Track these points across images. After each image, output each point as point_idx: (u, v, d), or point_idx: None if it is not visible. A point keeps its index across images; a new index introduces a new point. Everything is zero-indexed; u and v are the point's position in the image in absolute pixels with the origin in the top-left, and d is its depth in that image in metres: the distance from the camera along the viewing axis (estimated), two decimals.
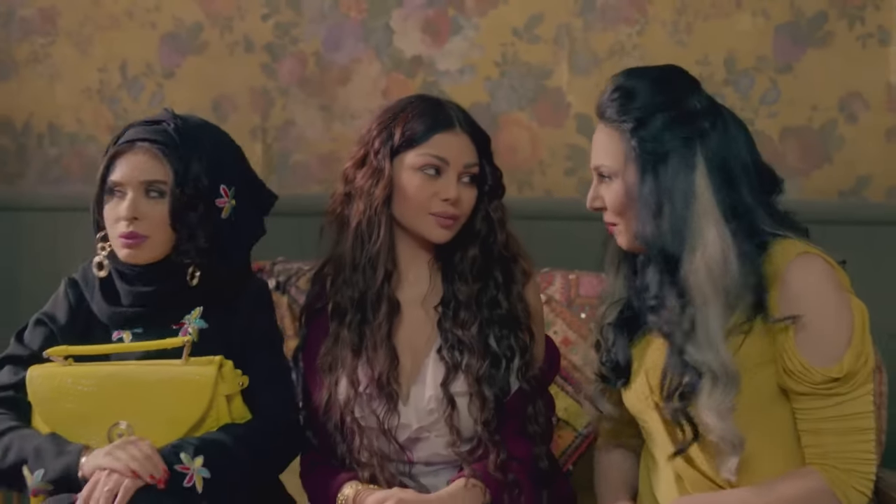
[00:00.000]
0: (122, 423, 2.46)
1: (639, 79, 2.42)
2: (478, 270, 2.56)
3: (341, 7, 3.83)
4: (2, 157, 4.01)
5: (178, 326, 2.53)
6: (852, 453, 2.26)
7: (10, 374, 2.56)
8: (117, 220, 2.52)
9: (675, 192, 2.31)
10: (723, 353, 2.26)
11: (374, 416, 2.47)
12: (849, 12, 3.58)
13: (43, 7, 3.96)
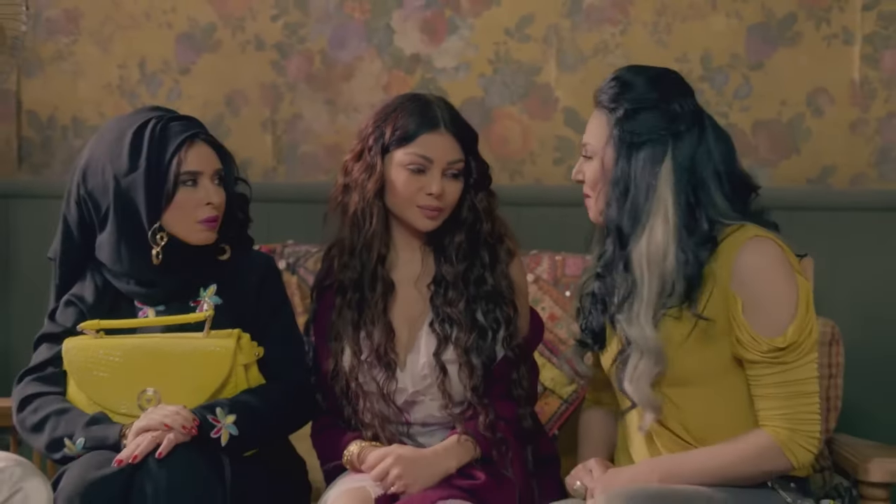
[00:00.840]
0: (149, 389, 2.65)
1: (637, 74, 2.60)
2: (464, 253, 2.72)
3: (345, 8, 3.87)
4: (28, 148, 4.08)
5: (196, 304, 2.71)
6: (798, 415, 2.43)
7: (47, 351, 2.74)
8: (197, 207, 2.69)
9: (640, 180, 2.48)
10: (647, 330, 2.44)
11: (374, 382, 2.66)
12: (815, 14, 3.66)
13: (67, 8, 4.01)
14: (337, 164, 3.70)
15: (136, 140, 2.69)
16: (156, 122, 2.72)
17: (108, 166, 2.70)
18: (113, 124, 2.82)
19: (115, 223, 2.70)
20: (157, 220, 2.67)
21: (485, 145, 3.14)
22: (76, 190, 2.78)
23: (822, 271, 3.34)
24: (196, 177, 2.69)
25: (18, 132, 4.06)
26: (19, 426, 2.69)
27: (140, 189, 2.67)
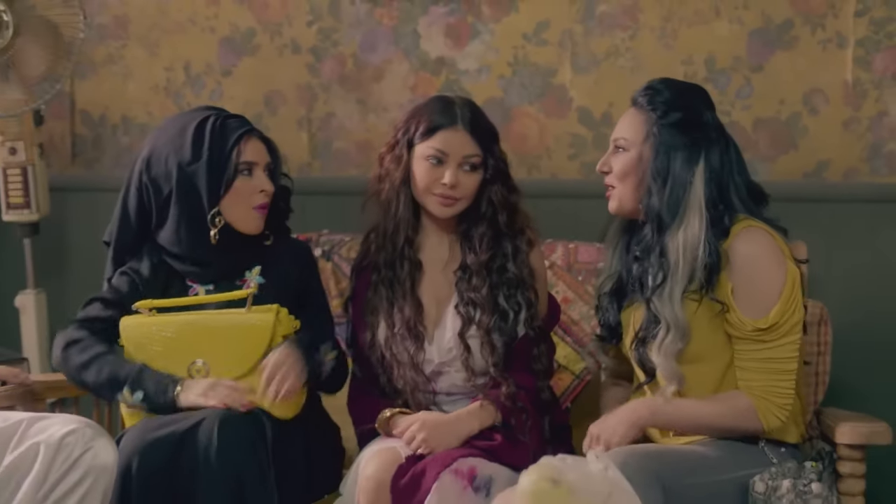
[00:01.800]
0: (198, 360, 2.87)
1: (669, 85, 2.81)
2: (487, 243, 2.91)
3: (375, 15, 3.98)
4: (81, 144, 4.21)
5: (242, 282, 2.92)
6: (773, 388, 2.66)
7: (100, 310, 2.96)
8: (252, 194, 2.91)
9: (679, 177, 2.70)
10: (678, 310, 2.66)
11: (405, 353, 2.88)
12: (811, 20, 3.72)
13: (117, 15, 4.15)
14: (367, 160, 3.94)
15: (199, 133, 2.90)
16: (214, 118, 2.93)
17: (172, 156, 2.90)
18: (173, 120, 3.02)
19: (176, 207, 2.91)
20: (216, 205, 2.89)
21: (504, 142, 3.24)
22: (138, 178, 2.96)
23: (817, 258, 3.41)
24: (251, 167, 2.91)
25: (72, 130, 4.20)
26: (62, 362, 2.89)
27: (202, 176, 2.88)
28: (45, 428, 2.63)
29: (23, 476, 2.59)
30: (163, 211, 2.94)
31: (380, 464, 2.72)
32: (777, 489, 2.56)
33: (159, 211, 2.94)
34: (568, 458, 2.03)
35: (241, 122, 2.97)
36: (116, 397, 2.85)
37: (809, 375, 3.07)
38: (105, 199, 4.03)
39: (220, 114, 2.97)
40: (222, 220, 2.91)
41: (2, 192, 3.87)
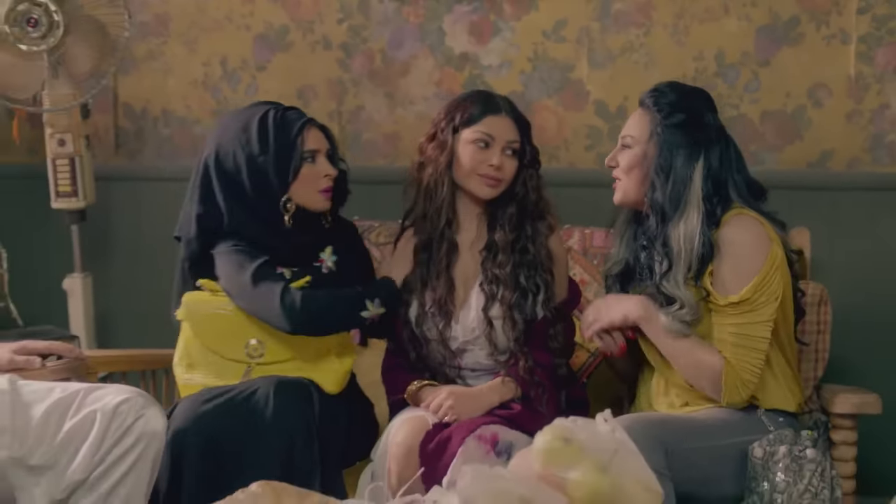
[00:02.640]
0: (252, 340, 3.07)
1: (674, 87, 2.99)
2: (513, 224, 3.08)
3: (403, 13, 4.09)
4: (124, 136, 4.32)
5: (320, 262, 3.11)
6: (742, 363, 2.82)
7: (272, 268, 3.05)
8: (318, 178, 3.07)
9: (680, 173, 2.87)
10: (685, 293, 2.85)
11: (435, 329, 3.07)
12: (816, 17, 3.84)
13: (157, 13, 4.25)
14: (394, 150, 4.11)
15: (262, 127, 3.06)
16: (274, 111, 3.09)
17: (240, 151, 3.05)
18: (233, 117, 3.16)
19: (251, 198, 3.06)
20: (286, 192, 3.06)
21: None
22: (207, 175, 3.09)
23: (820, 243, 3.60)
24: (314, 154, 3.08)
25: (115, 122, 4.31)
26: (303, 316, 2.97)
27: (271, 167, 3.04)
28: (101, 397, 2.83)
29: (81, 441, 2.79)
30: (238, 203, 3.07)
31: (409, 431, 2.90)
32: (774, 454, 2.75)
33: (234, 203, 3.07)
34: (579, 420, 2.22)
35: (299, 113, 3.13)
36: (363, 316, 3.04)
37: (810, 353, 3.22)
38: (146, 188, 4.29)
39: (277, 107, 3.12)
40: (293, 205, 3.07)
41: (51, 181, 4.00)
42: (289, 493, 2.33)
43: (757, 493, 2.74)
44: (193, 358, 3.13)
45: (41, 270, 4.19)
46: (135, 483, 2.80)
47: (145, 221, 4.32)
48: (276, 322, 3.01)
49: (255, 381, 2.98)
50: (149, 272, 4.30)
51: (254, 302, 3.04)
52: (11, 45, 3.77)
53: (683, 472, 2.68)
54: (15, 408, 2.81)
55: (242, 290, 3.05)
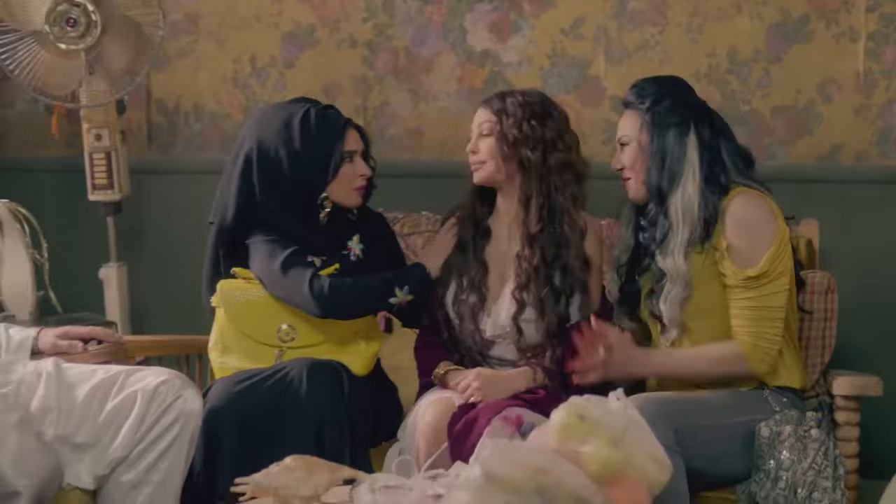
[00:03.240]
0: (283, 325, 3.21)
1: (651, 81, 3.13)
2: (538, 218, 3.20)
3: (425, 12, 4.19)
4: (157, 131, 4.45)
5: (348, 250, 3.24)
6: (761, 333, 2.95)
7: (302, 257, 3.17)
8: (354, 178, 3.20)
9: (673, 150, 3.02)
10: (679, 263, 2.98)
11: (467, 316, 3.20)
12: (826, 15, 3.89)
13: (189, 12, 4.38)
14: (418, 145, 4.20)
15: (305, 125, 3.17)
16: (315, 110, 3.21)
17: (282, 148, 3.17)
18: (273, 113, 3.26)
19: (288, 192, 3.18)
20: (324, 190, 3.19)
21: None
22: (247, 168, 3.20)
23: (830, 234, 3.67)
24: (353, 155, 3.22)
25: (148, 118, 4.44)
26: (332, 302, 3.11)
27: (313, 166, 3.17)
28: (142, 378, 2.99)
29: (123, 419, 2.95)
30: (276, 195, 3.19)
31: (437, 412, 3.03)
32: (780, 434, 2.88)
33: (272, 195, 3.19)
34: (593, 398, 2.36)
35: (338, 113, 3.26)
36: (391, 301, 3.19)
37: (817, 339, 3.34)
38: (178, 181, 4.42)
39: (316, 105, 3.24)
40: (329, 202, 3.21)
41: (88, 175, 4.13)
42: (320, 466, 2.48)
43: (763, 470, 2.87)
44: (228, 342, 3.26)
45: (78, 260, 4.28)
46: (173, 459, 2.96)
47: (177, 213, 4.45)
48: (306, 307, 3.15)
49: (288, 362, 3.12)
50: (180, 261, 4.38)
51: (284, 289, 3.17)
52: (51, 43, 3.90)
53: (692, 449, 2.81)
54: (60, 389, 2.98)
55: (273, 277, 3.18)
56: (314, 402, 3.02)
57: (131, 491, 2.96)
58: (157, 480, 2.96)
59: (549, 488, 2.06)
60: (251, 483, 2.49)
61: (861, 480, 3.12)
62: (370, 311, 3.26)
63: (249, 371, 3.14)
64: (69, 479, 2.92)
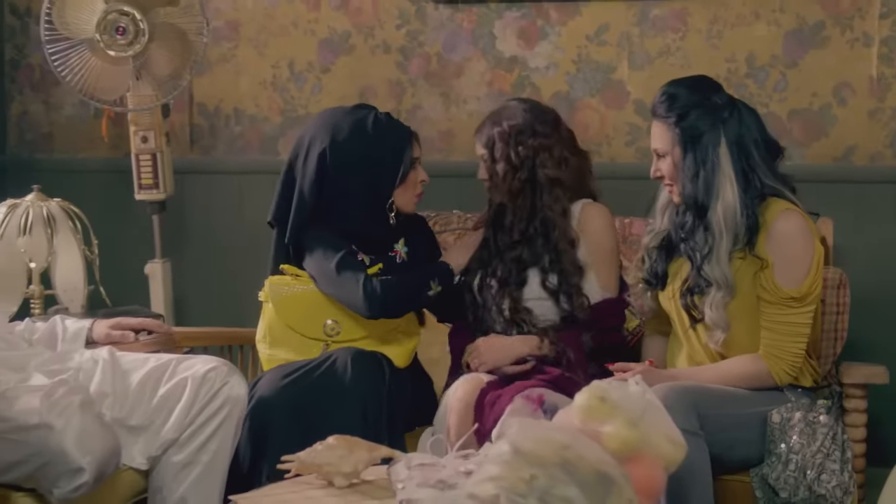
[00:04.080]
0: (329, 320, 3.38)
1: (678, 86, 3.20)
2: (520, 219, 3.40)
3: (456, 19, 4.30)
4: (198, 133, 4.60)
5: (394, 252, 3.41)
6: (788, 347, 3.09)
7: (355, 259, 3.34)
8: (416, 184, 3.36)
9: (706, 163, 3.10)
10: (726, 270, 3.08)
11: (492, 300, 3.40)
12: (841, 21, 3.98)
13: (229, 20, 4.52)
14: (449, 146, 4.34)
15: (378, 130, 3.32)
16: (384, 117, 3.37)
17: (358, 151, 3.30)
18: (341, 117, 3.37)
19: (360, 196, 3.33)
20: (391, 195, 3.35)
21: None
22: (319, 168, 3.32)
23: (844, 232, 3.79)
24: (417, 161, 3.38)
25: (190, 120, 4.59)
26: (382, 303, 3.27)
27: (387, 170, 3.32)
28: (191, 366, 3.18)
29: (174, 403, 3.14)
30: (342, 197, 3.33)
31: (467, 388, 3.24)
32: (790, 420, 3.04)
33: (338, 197, 3.33)
34: (613, 382, 2.53)
35: (399, 121, 3.42)
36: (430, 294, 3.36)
37: (830, 332, 3.46)
38: (219, 181, 4.57)
39: (378, 111, 3.39)
40: (394, 205, 3.37)
41: (135, 175, 4.29)
42: (360, 445, 2.67)
43: (775, 454, 3.03)
44: (276, 336, 3.43)
45: (125, 256, 4.44)
46: (221, 441, 3.15)
47: (217, 212, 4.61)
48: (357, 307, 3.32)
49: (334, 351, 3.29)
50: (220, 258, 4.58)
51: (338, 288, 3.34)
52: (101, 51, 4.07)
53: (713, 435, 2.97)
54: (115, 375, 3.17)
55: (327, 276, 3.35)
56: (358, 389, 3.18)
57: (182, 471, 3.14)
58: (205, 461, 3.14)
59: (572, 462, 2.23)
60: (297, 461, 2.67)
61: (868, 468, 3.26)
62: (414, 308, 3.43)
63: (298, 362, 3.30)
64: (124, 460, 3.09)
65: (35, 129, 4.84)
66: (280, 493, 2.64)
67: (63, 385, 2.94)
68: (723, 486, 3.09)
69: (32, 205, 4.01)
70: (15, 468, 2.87)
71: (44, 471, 2.84)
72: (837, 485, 2.98)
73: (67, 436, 2.81)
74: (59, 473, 2.83)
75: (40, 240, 3.97)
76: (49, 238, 3.97)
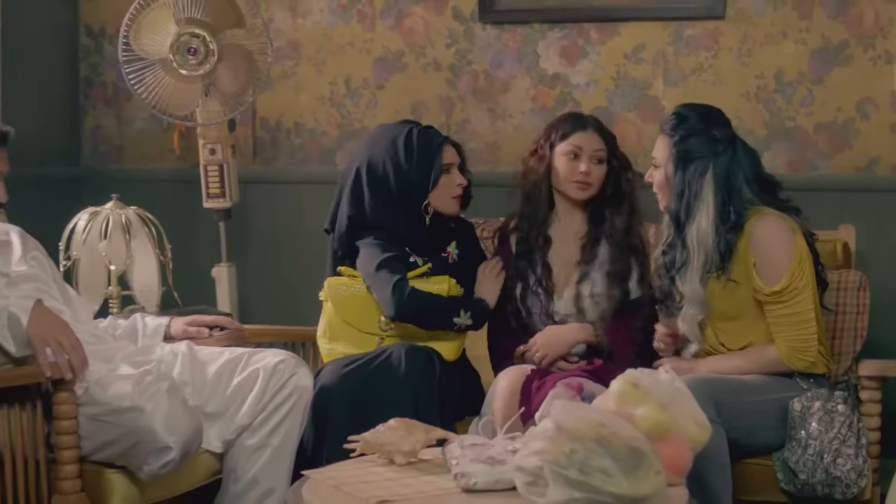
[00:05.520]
0: (383, 316, 3.64)
1: (690, 110, 3.47)
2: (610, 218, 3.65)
3: (502, 39, 4.48)
4: (261, 145, 4.78)
5: (447, 254, 3.67)
6: (798, 335, 3.35)
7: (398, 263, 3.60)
8: (451, 187, 3.61)
9: (691, 187, 3.38)
10: (696, 286, 3.35)
11: (538, 304, 3.65)
12: (864, 40, 4.14)
13: (290, 39, 4.71)
14: (495, 157, 4.52)
15: (408, 142, 3.61)
16: (417, 130, 3.64)
17: (388, 162, 3.61)
18: (382, 133, 3.70)
19: (397, 202, 3.60)
20: (426, 198, 3.62)
21: None
22: (358, 181, 3.63)
23: (866, 238, 3.98)
24: (450, 167, 3.64)
25: (253, 133, 4.79)
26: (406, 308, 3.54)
27: (415, 177, 3.59)
28: (262, 358, 3.48)
29: (247, 392, 3.44)
30: (384, 203, 3.61)
31: (512, 377, 3.51)
32: (810, 408, 3.31)
33: (380, 203, 3.62)
34: (645, 371, 2.82)
35: (436, 132, 3.68)
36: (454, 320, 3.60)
37: (850, 330, 3.70)
38: (280, 190, 4.76)
39: (418, 126, 3.67)
40: (431, 208, 3.63)
41: (203, 184, 4.52)
42: (418, 427, 2.96)
43: (795, 439, 3.31)
44: (335, 331, 3.72)
45: (194, 260, 4.63)
46: (289, 426, 3.45)
47: (278, 219, 4.80)
48: (385, 306, 3.60)
49: (389, 346, 3.57)
50: (281, 262, 4.79)
51: (373, 286, 3.64)
52: (174, 70, 4.33)
53: (730, 422, 3.23)
54: (193, 366, 3.48)
55: (368, 275, 3.65)
56: (411, 381, 3.46)
57: (254, 453, 3.44)
58: (275, 444, 3.44)
59: (607, 438, 2.52)
60: (361, 440, 2.97)
61: (883, 459, 3.47)
62: (434, 324, 3.63)
63: (355, 355, 3.58)
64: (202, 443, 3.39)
65: (108, 142, 5.06)
66: (347, 469, 2.93)
67: (150, 373, 3.25)
68: (747, 469, 3.37)
69: (112, 212, 4.28)
70: (109, 447, 3.18)
71: (135, 449, 3.15)
72: (852, 468, 3.25)
73: (156, 418, 3.11)
74: (149, 452, 3.13)
75: (119, 245, 4.23)
76: (127, 243, 4.23)
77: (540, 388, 3.43)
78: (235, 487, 3.46)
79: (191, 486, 3.46)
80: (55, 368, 3.12)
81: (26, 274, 3.42)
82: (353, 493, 2.71)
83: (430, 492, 2.73)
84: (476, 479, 2.70)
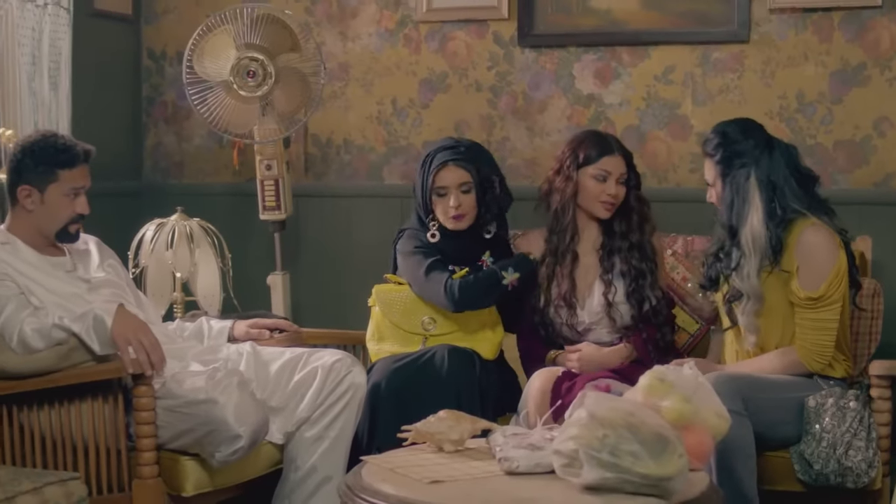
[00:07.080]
0: (425, 317, 3.92)
1: (726, 126, 3.71)
2: (625, 230, 3.89)
3: (540, 62, 4.66)
4: (312, 161, 4.99)
5: (481, 263, 3.91)
6: (817, 340, 3.60)
7: (443, 266, 3.85)
8: (446, 209, 3.83)
9: (738, 195, 3.62)
10: (754, 283, 3.58)
11: (560, 318, 3.90)
12: (880, 63, 4.30)
13: (340, 62, 4.91)
14: (533, 173, 4.69)
15: (423, 163, 3.93)
16: (432, 154, 3.91)
17: (418, 181, 3.95)
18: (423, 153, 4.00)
19: (419, 217, 3.97)
20: (429, 215, 3.90)
21: (640, 159, 4.02)
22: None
23: (882, 249, 4.16)
24: (446, 190, 3.86)
25: (305, 150, 4.99)
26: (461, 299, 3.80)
27: (419, 196, 3.91)
28: (320, 357, 3.75)
29: (306, 389, 3.72)
30: (418, 217, 3.96)
31: (545, 377, 3.77)
32: (824, 405, 3.56)
33: (416, 217, 3.96)
34: (671, 367, 3.10)
35: (445, 154, 3.88)
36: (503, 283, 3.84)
37: (865, 334, 3.93)
38: (330, 203, 4.96)
39: (438, 149, 3.91)
40: (437, 223, 3.90)
41: (259, 198, 4.73)
42: (465, 418, 3.24)
43: (810, 433, 3.56)
44: (383, 333, 3.99)
45: (250, 269, 4.82)
46: (345, 420, 3.72)
47: (329, 231, 5.00)
48: (442, 304, 3.87)
49: (433, 347, 3.83)
50: (332, 271, 4.99)
51: (425, 290, 3.90)
52: (234, 91, 4.58)
53: (755, 416, 3.48)
54: (257, 364, 3.77)
55: (418, 281, 3.91)
56: (453, 380, 3.73)
57: (312, 444, 3.72)
58: (332, 436, 3.72)
59: (636, 425, 2.80)
60: (413, 430, 3.25)
61: (893, 457, 3.68)
62: (493, 298, 3.88)
63: (402, 354, 3.85)
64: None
65: (168, 158, 5.27)
66: (401, 456, 3.20)
67: (219, 370, 3.54)
68: (768, 461, 3.62)
69: (177, 223, 4.56)
70: (184, 436, 3.48)
71: (208, 438, 3.44)
72: (863, 459, 3.51)
73: (228, 409, 3.40)
74: (221, 440, 3.42)
75: (184, 254, 4.50)
76: (191, 252, 4.50)
77: (570, 388, 3.67)
78: (295, 476, 3.72)
79: (255, 474, 3.73)
80: (136, 365, 3.40)
81: (104, 280, 3.72)
82: (408, 474, 2.97)
83: (476, 474, 2.99)
84: (518, 463, 2.97)
